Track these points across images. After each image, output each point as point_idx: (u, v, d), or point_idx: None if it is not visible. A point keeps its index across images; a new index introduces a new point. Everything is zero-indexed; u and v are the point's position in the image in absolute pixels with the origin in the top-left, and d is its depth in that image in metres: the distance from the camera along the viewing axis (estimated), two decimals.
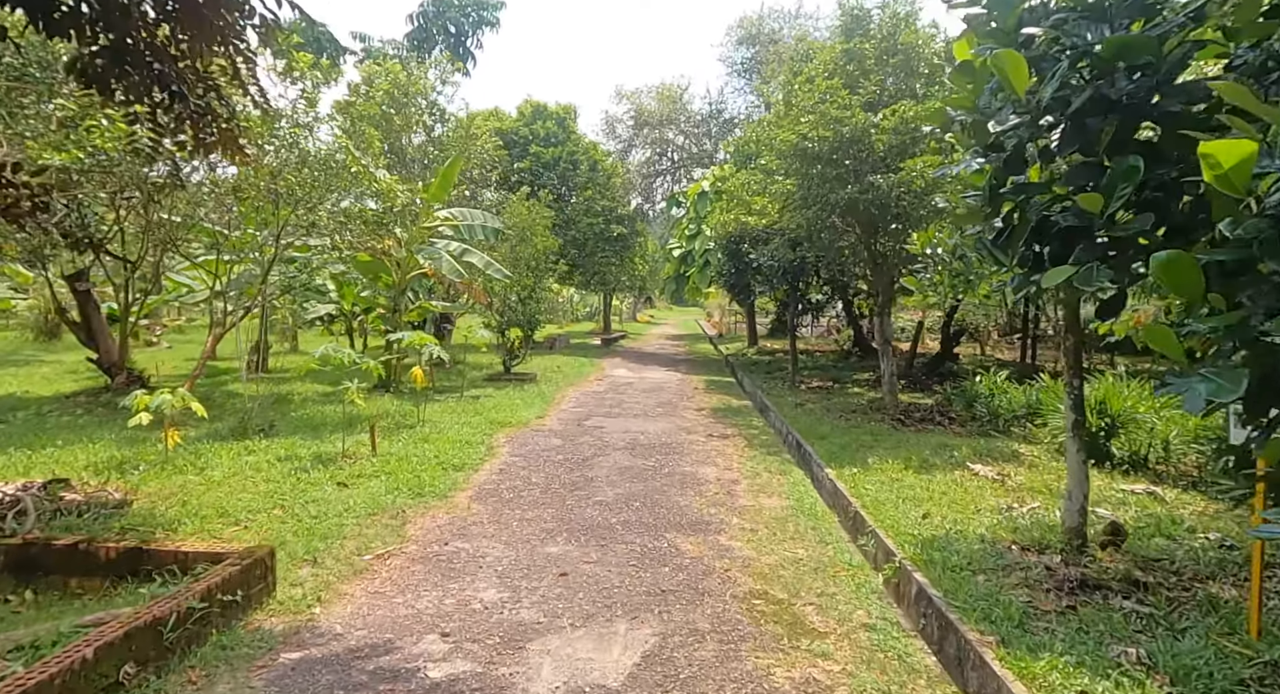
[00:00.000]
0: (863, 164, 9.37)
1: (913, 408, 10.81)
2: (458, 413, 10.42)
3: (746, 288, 17.12)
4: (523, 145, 22.57)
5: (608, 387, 14.46)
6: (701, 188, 24.94)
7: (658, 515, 5.93)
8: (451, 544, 5.08)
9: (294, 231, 10.59)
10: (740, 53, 29.53)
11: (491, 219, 13.84)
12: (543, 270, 15.70)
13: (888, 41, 9.86)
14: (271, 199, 9.60)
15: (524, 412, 10.80)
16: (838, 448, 8.16)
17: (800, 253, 12.78)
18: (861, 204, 9.02)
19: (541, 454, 8.16)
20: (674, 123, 30.77)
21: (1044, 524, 5.46)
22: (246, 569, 3.59)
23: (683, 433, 9.70)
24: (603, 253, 23.92)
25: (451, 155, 12.20)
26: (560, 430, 9.64)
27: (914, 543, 5.15)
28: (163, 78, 5.34)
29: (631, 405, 12.07)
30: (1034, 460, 7.61)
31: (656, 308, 71.98)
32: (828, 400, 12.33)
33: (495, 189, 17.55)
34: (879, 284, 10.71)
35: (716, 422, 10.70)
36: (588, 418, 10.72)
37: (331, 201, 9.92)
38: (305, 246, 11.91)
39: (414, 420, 9.63)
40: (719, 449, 8.69)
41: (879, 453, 7.91)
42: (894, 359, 11.16)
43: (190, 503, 5.60)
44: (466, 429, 9.17)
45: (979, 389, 10.69)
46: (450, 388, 13.15)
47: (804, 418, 10.34)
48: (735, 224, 11.56)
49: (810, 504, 6.46)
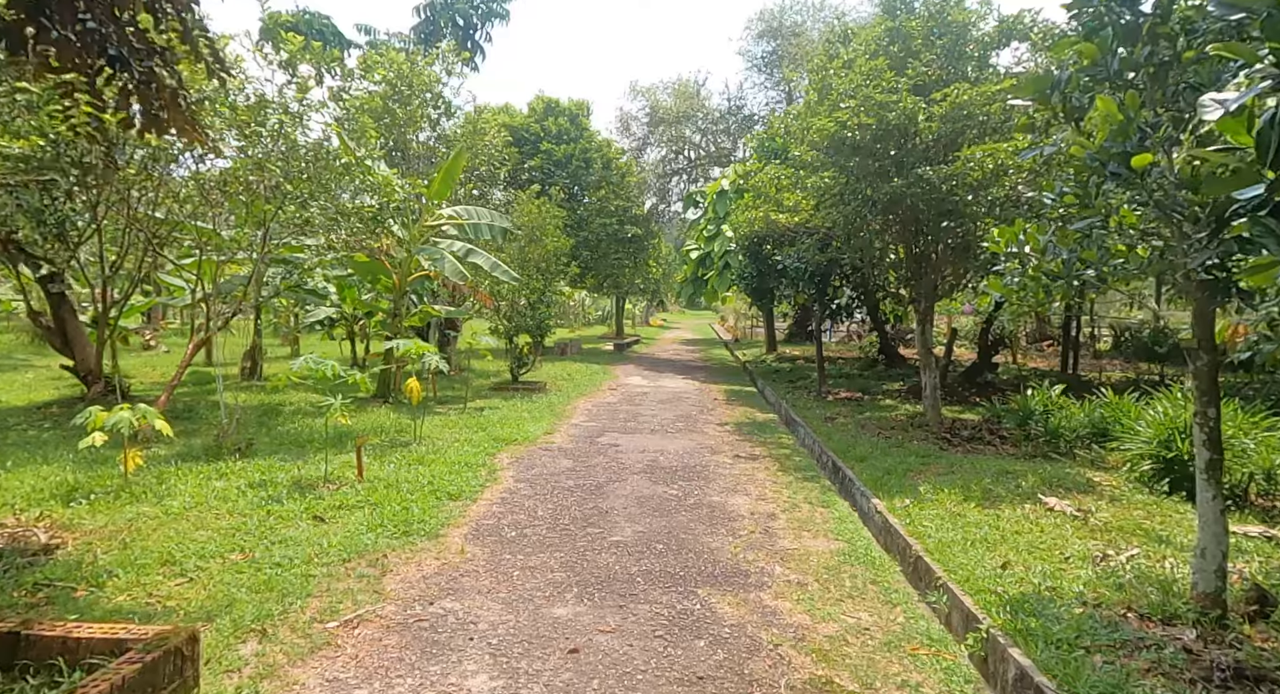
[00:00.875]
0: (908, 155, 8.41)
1: (958, 425, 9.83)
2: (459, 428, 9.54)
3: (769, 292, 16.15)
4: (533, 142, 21.72)
5: (621, 397, 13.55)
6: (721, 186, 23.94)
7: (685, 562, 5.01)
8: (438, 604, 4.17)
9: (284, 230, 9.77)
10: (760, 47, 28.49)
11: (499, 218, 12.98)
12: (553, 273, 14.83)
13: (935, 20, 8.91)
14: (259, 194, 8.79)
15: (531, 426, 9.90)
16: (882, 472, 7.22)
17: (830, 254, 11.84)
18: (909, 199, 8.06)
19: (550, 479, 7.24)
20: (691, 120, 29.71)
21: (1156, 581, 4.49)
22: (154, 666, 2.70)
23: (706, 452, 8.77)
24: (616, 255, 23.01)
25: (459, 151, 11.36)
26: (571, 449, 8.74)
27: (999, 604, 4.20)
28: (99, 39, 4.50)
29: (648, 419, 11.15)
30: (1114, 492, 6.62)
31: (670, 312, 71.10)
32: (860, 414, 11.36)
33: (504, 187, 16.70)
34: (920, 288, 9.74)
35: (742, 439, 9.76)
36: (601, 434, 9.81)
37: (324, 197, 9.08)
38: (299, 247, 11.10)
39: (411, 436, 8.75)
40: (749, 473, 7.75)
41: (931, 479, 6.96)
42: (935, 370, 10.18)
43: (133, 545, 4.73)
44: (467, 448, 8.28)
45: (1032, 404, 9.69)
46: (454, 398, 12.29)
47: (837, 435, 9.39)
48: (762, 222, 10.62)
49: (864, 547, 5.51)
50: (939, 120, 8.19)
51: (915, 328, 10.03)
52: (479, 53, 19.64)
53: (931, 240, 8.82)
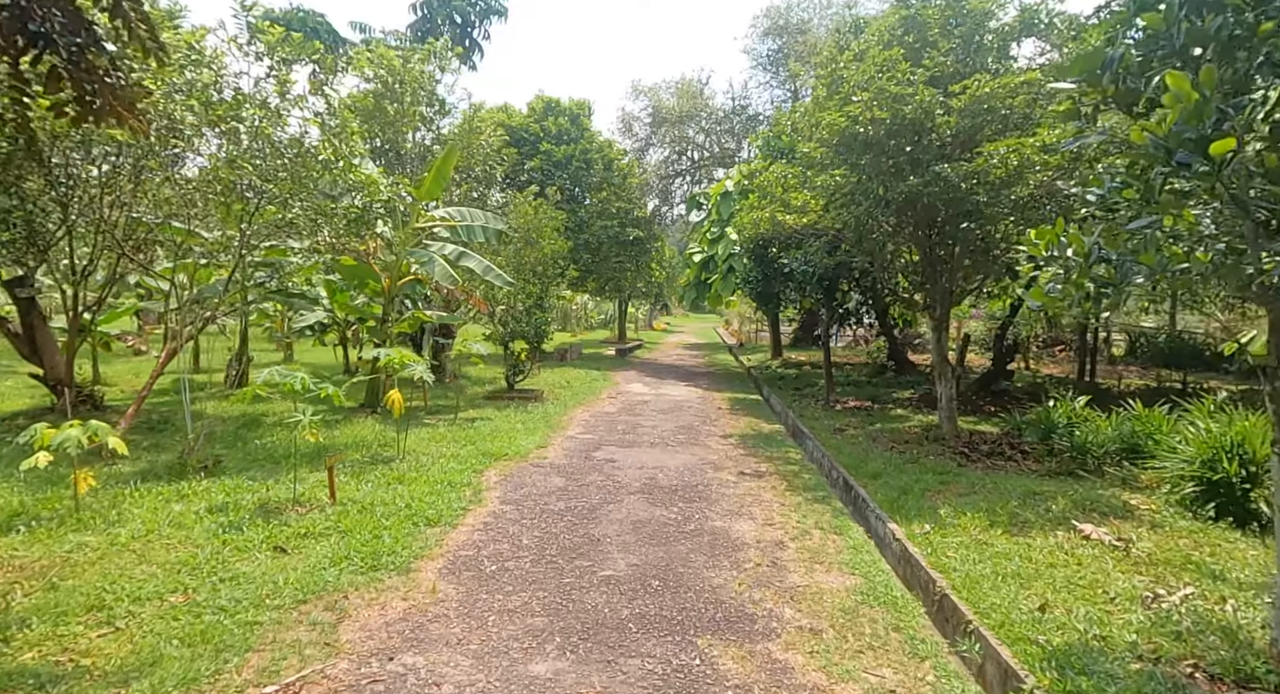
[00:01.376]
0: (924, 152, 7.87)
1: (977, 438, 9.27)
2: (447, 441, 9.02)
3: (774, 296, 15.60)
4: (533, 143, 21.21)
5: (621, 406, 13.01)
6: (725, 187, 23.33)
7: (684, 603, 4.46)
8: (398, 660, 3.64)
9: (266, 231, 9.28)
10: (766, 44, 27.87)
11: (494, 220, 12.47)
12: (551, 276, 14.31)
13: (952, 9, 8.37)
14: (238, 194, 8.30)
15: (524, 439, 9.37)
16: (897, 492, 6.67)
17: (838, 257, 11.30)
18: (926, 198, 7.51)
19: (538, 501, 6.71)
20: (694, 119, 29.11)
21: (1219, 628, 3.94)
22: None
23: (709, 469, 8.23)
24: (617, 257, 22.46)
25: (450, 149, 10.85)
26: (564, 465, 8.20)
27: (1042, 658, 3.67)
28: (19, 14, 4.00)
29: (648, 431, 10.61)
30: (1153, 517, 6.06)
31: (673, 315, 70.57)
32: (870, 424, 10.82)
33: (503, 189, 16.20)
34: (935, 293, 9.19)
35: (747, 453, 9.22)
36: (597, 447, 9.28)
37: (305, 196, 8.58)
38: (282, 250, 10.60)
39: (394, 451, 8.23)
40: (754, 493, 7.20)
41: (951, 500, 6.41)
42: (951, 380, 9.62)
43: (62, 585, 4.21)
44: (453, 464, 7.74)
45: (1054, 417, 9.13)
46: (446, 408, 11.77)
47: (848, 448, 8.84)
48: (768, 223, 10.08)
49: (883, 582, 4.96)
50: (957, 114, 7.65)
51: (930, 335, 9.47)
52: (477, 51, 19.13)
53: (949, 242, 8.27)
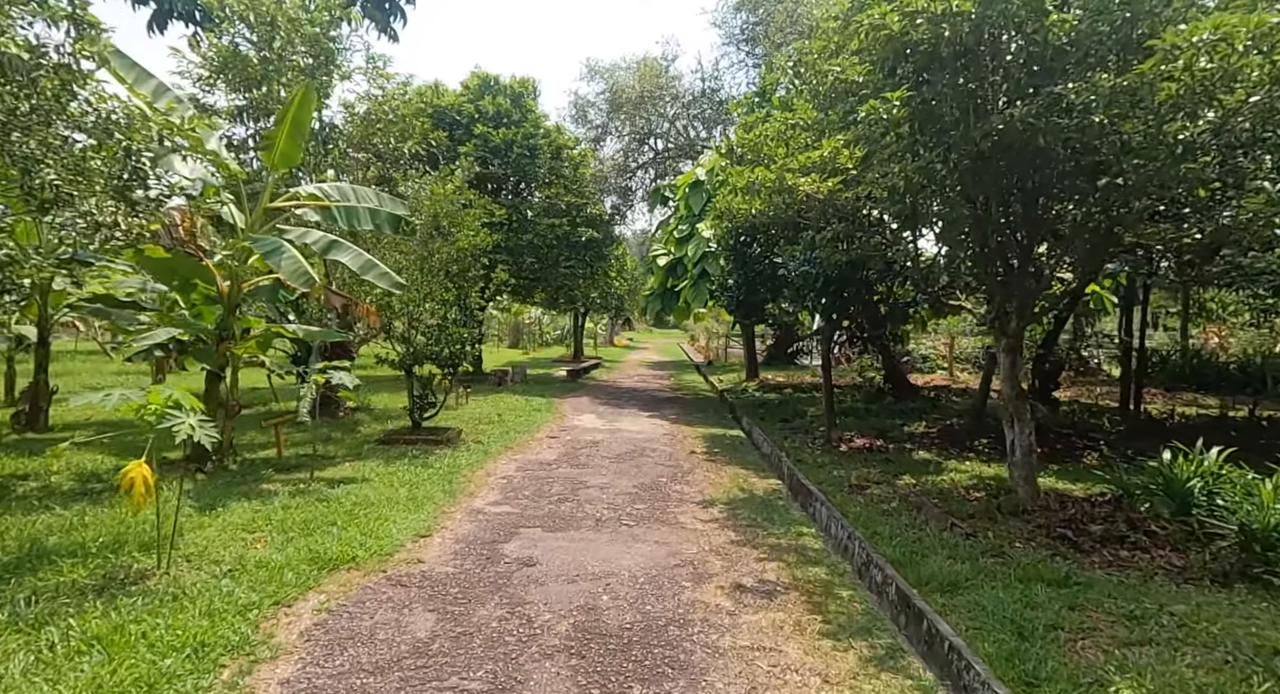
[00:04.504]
0: (1026, 72, 4.92)
1: (1071, 508, 6.34)
2: (268, 528, 5.69)
3: (758, 307, 12.56)
4: (466, 126, 17.90)
5: (562, 452, 9.77)
6: (696, 175, 20.19)
7: None
8: None
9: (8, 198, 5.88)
10: (740, 18, 24.72)
11: (391, 202, 9.22)
12: (470, 279, 11.05)
13: None
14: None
15: (399, 520, 6.09)
16: (1008, 631, 3.66)
17: (852, 253, 8.33)
18: (1041, 138, 4.53)
19: (370, 673, 3.44)
20: (658, 101, 25.85)
21: None
22: None
23: (685, 579, 5.06)
24: (568, 262, 19.19)
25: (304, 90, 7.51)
26: (444, 579, 4.95)
27: None
28: None
29: (594, 496, 7.41)
30: None
31: (636, 330, 67.48)
32: (895, 474, 7.88)
33: (422, 173, 12.89)
34: (1014, 297, 6.23)
35: (740, 539, 6.07)
36: (512, 533, 6.05)
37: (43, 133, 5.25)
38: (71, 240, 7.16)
39: (158, 560, 4.86)
40: (768, 645, 4.04)
41: (1105, 647, 3.39)
42: (1030, 423, 6.63)
43: None
44: (239, 593, 4.40)
45: (1184, 476, 6.23)
46: (321, 458, 8.38)
47: (885, 526, 5.84)
48: (770, 195, 6.98)
49: None
50: (1077, 9, 4.74)
51: (1002, 359, 6.49)
52: (397, 15, 15.92)
53: (1054, 215, 5.31)
